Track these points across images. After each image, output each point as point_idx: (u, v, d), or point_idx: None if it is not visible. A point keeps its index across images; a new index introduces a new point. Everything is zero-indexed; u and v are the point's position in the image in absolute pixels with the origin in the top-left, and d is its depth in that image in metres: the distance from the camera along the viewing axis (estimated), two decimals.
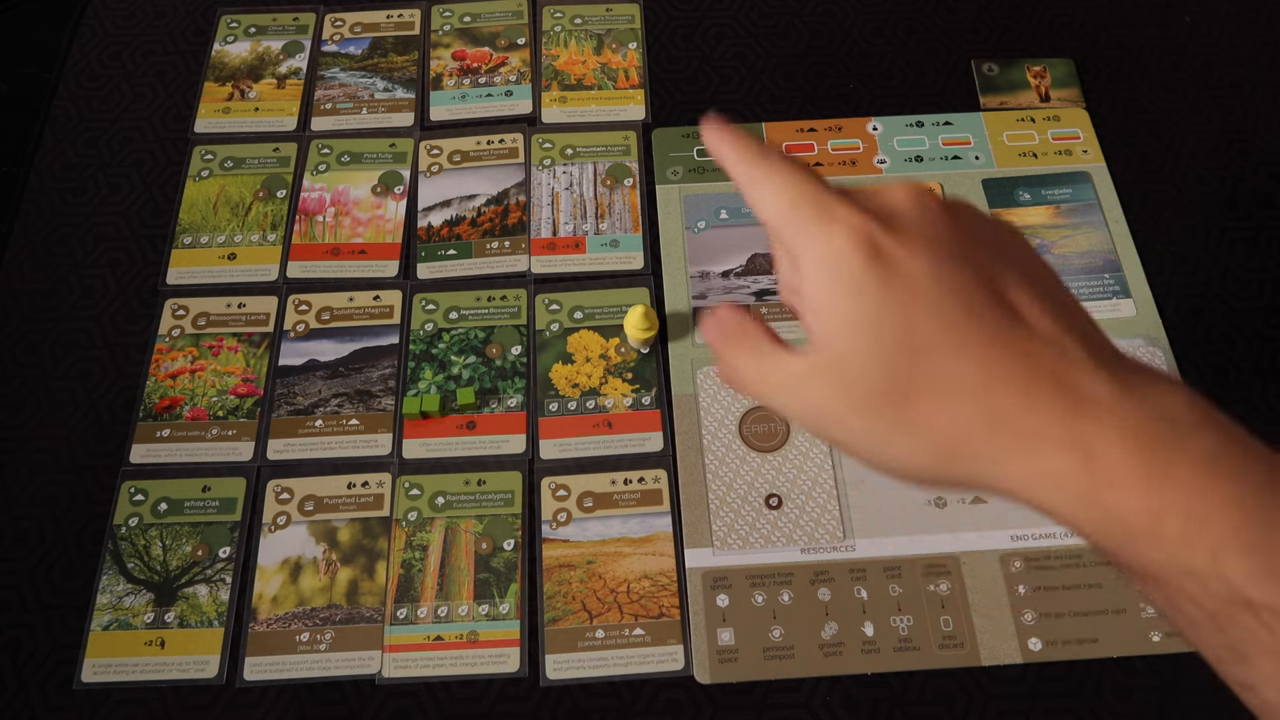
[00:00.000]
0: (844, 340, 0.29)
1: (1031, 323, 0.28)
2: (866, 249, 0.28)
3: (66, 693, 0.48)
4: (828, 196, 0.29)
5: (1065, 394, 0.27)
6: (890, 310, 0.28)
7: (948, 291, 0.28)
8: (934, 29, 0.70)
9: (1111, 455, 0.27)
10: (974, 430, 0.28)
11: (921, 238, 0.29)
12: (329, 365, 0.57)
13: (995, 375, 0.28)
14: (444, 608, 0.50)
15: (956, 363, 0.28)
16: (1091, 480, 0.27)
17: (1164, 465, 0.26)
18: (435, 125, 0.67)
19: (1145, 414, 0.27)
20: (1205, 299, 0.59)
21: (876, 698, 0.48)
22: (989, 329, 0.28)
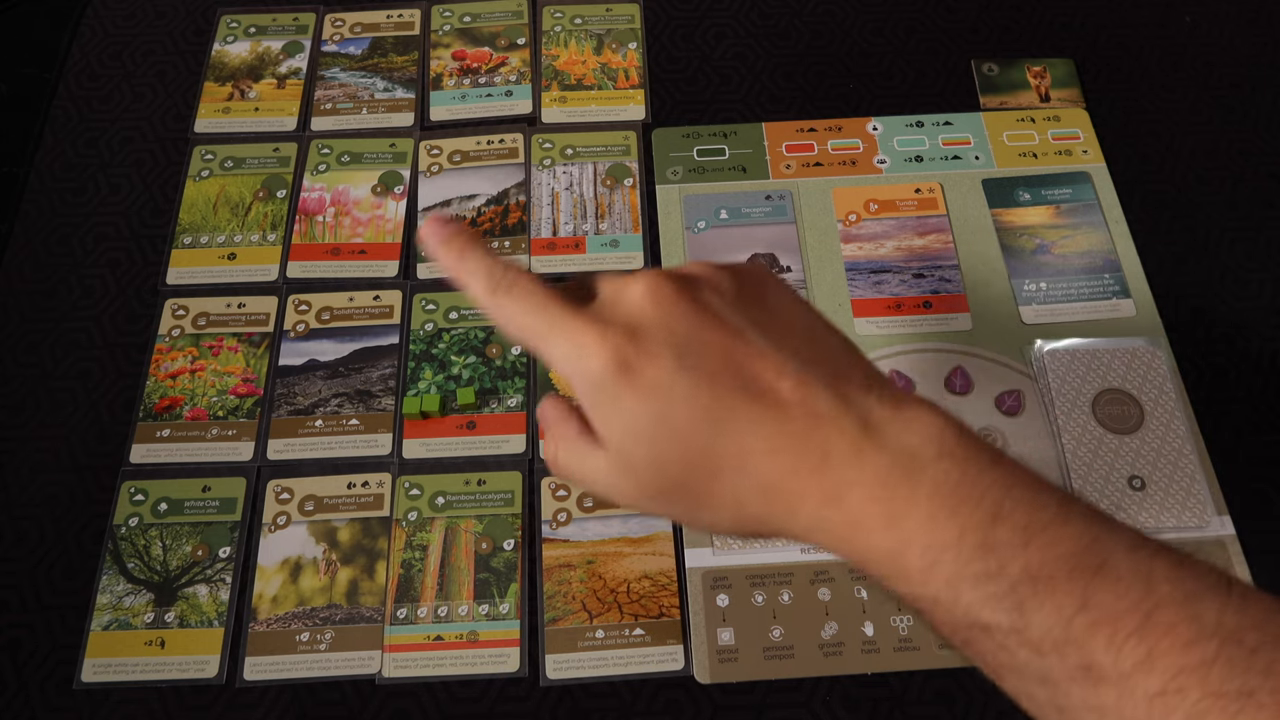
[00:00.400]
0: (624, 446, 0.32)
1: (776, 388, 0.31)
2: (616, 368, 0.31)
3: (66, 693, 0.48)
4: (573, 321, 0.32)
5: (815, 452, 0.30)
6: (650, 415, 0.31)
7: (693, 386, 0.31)
8: (934, 29, 0.70)
9: (857, 502, 0.29)
10: (751, 500, 0.31)
11: (662, 340, 0.32)
12: (329, 365, 0.57)
13: (753, 450, 0.31)
14: (444, 608, 0.50)
15: (718, 446, 0.31)
16: (847, 527, 0.30)
17: (902, 505, 0.29)
18: (435, 125, 0.67)
19: (886, 458, 0.29)
20: (1205, 299, 0.59)
21: (876, 698, 0.48)
22: (739, 409, 0.31)
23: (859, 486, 0.30)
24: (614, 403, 0.32)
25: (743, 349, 0.31)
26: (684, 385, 0.31)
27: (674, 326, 0.32)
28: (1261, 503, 0.53)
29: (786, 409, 0.30)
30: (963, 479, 0.29)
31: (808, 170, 0.64)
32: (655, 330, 0.32)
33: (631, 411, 0.32)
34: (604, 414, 0.32)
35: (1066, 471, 0.53)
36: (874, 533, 0.29)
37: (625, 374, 0.31)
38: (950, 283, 0.60)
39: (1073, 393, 0.55)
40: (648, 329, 0.32)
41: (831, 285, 0.59)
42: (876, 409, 0.30)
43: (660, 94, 0.67)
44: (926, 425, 0.30)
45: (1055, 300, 0.59)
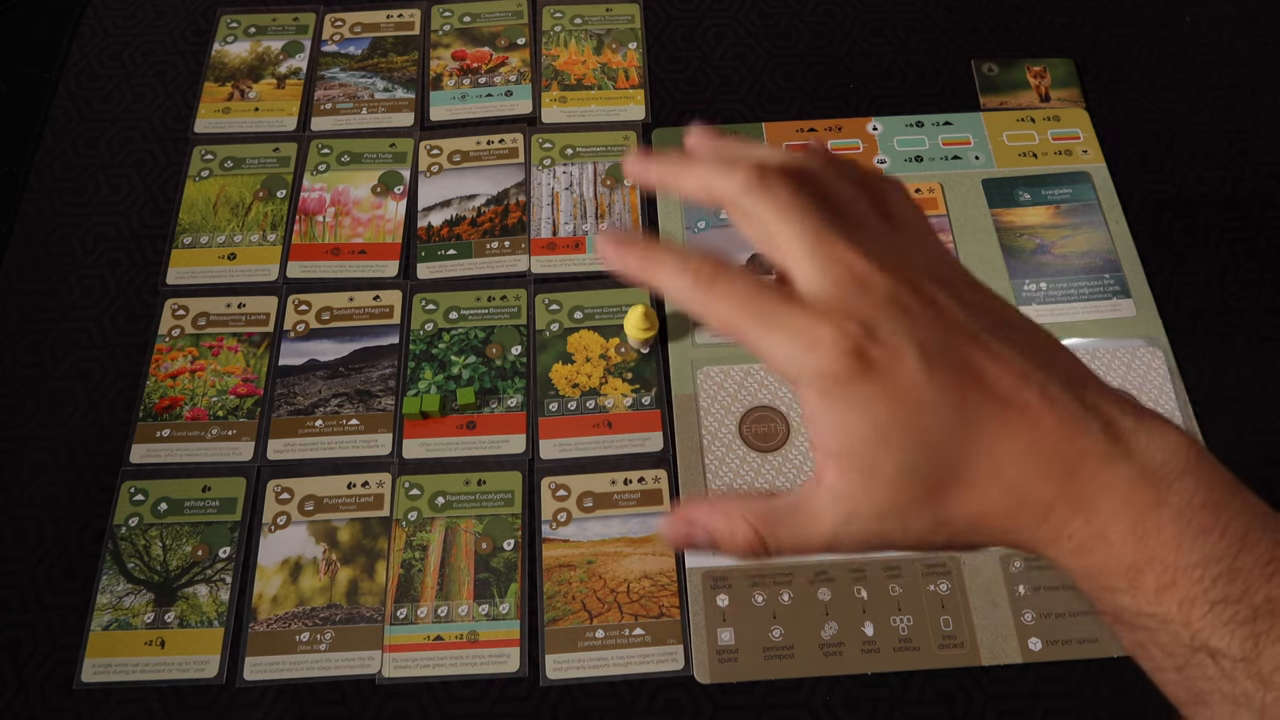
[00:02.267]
0: (869, 455, 0.30)
1: (1022, 395, 0.29)
2: (859, 367, 0.29)
3: (66, 693, 0.48)
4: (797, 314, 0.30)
5: (1065, 459, 0.29)
6: (902, 420, 0.29)
7: (943, 390, 0.29)
8: (934, 29, 0.70)
9: (1105, 514, 0.28)
10: (997, 511, 0.30)
11: (905, 339, 0.29)
12: (329, 365, 0.57)
13: (1004, 458, 0.29)
14: (444, 608, 0.50)
15: (970, 453, 0.29)
16: (1091, 538, 0.29)
17: (1151, 520, 0.28)
18: (435, 125, 0.67)
19: (1135, 469, 0.29)
20: (1205, 299, 0.59)
21: (876, 698, 0.48)
22: (988, 415, 0.29)
23: (1108, 497, 0.28)
24: (857, 406, 0.29)
25: (987, 357, 0.30)
26: (935, 388, 0.29)
27: (918, 326, 0.30)
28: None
29: (1035, 416, 0.29)
30: (1209, 500, 0.28)
31: None
32: (898, 328, 0.29)
33: (879, 415, 0.29)
34: (841, 420, 0.29)
35: None
36: (1117, 546, 0.28)
37: (870, 373, 0.29)
38: None
39: None
40: (886, 325, 0.29)
41: None
42: (1120, 417, 0.29)
43: (660, 94, 0.67)
44: (1171, 439, 0.29)
45: (1055, 300, 0.59)
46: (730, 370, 0.56)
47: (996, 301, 0.32)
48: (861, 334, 0.29)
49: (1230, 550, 0.28)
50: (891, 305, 0.30)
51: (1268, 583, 0.27)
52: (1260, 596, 0.27)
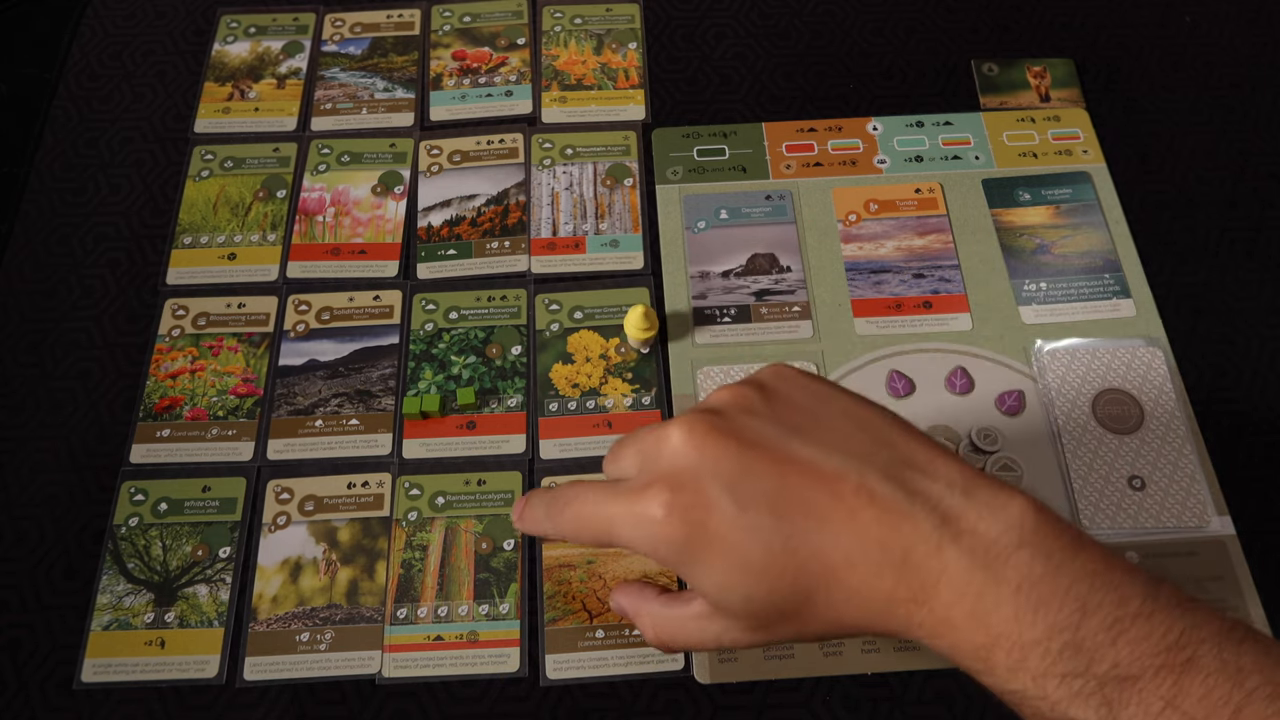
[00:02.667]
0: (717, 597, 0.32)
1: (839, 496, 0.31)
2: (683, 529, 0.32)
3: (66, 693, 0.48)
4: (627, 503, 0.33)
5: (895, 553, 0.30)
6: (729, 564, 0.31)
7: (757, 522, 0.31)
8: (934, 29, 0.70)
9: (943, 602, 0.29)
10: (847, 611, 0.31)
11: (714, 486, 0.31)
12: (329, 365, 0.57)
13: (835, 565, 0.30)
14: (444, 608, 0.50)
15: (802, 570, 0.31)
16: (937, 624, 0.30)
17: (989, 603, 0.28)
18: (435, 125, 0.67)
19: (966, 554, 0.29)
20: (1205, 299, 0.59)
21: (876, 698, 0.48)
22: (809, 530, 0.31)
23: (942, 586, 0.29)
24: (694, 561, 0.32)
25: (793, 468, 0.31)
26: (749, 522, 0.31)
27: (720, 466, 0.31)
28: (1261, 503, 0.53)
29: (855, 515, 0.30)
30: (1045, 571, 0.28)
31: (808, 170, 0.64)
32: (702, 475, 0.31)
33: (712, 565, 0.32)
34: (689, 574, 0.33)
35: (1067, 472, 0.53)
36: (961, 630, 0.29)
37: (688, 528, 0.31)
38: (950, 283, 0.60)
39: (1073, 393, 0.55)
40: (695, 475, 0.32)
41: (831, 285, 0.59)
42: (947, 496, 0.30)
43: (660, 94, 0.67)
44: (1004, 512, 0.29)
45: (1055, 300, 0.59)
46: (730, 370, 0.56)
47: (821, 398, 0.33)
48: (676, 497, 0.31)
49: (1072, 620, 0.28)
50: (699, 453, 0.32)
51: (1112, 647, 0.27)
52: (1105, 664, 0.27)
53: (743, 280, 0.60)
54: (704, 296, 0.59)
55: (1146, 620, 0.28)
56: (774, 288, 0.59)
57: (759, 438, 0.32)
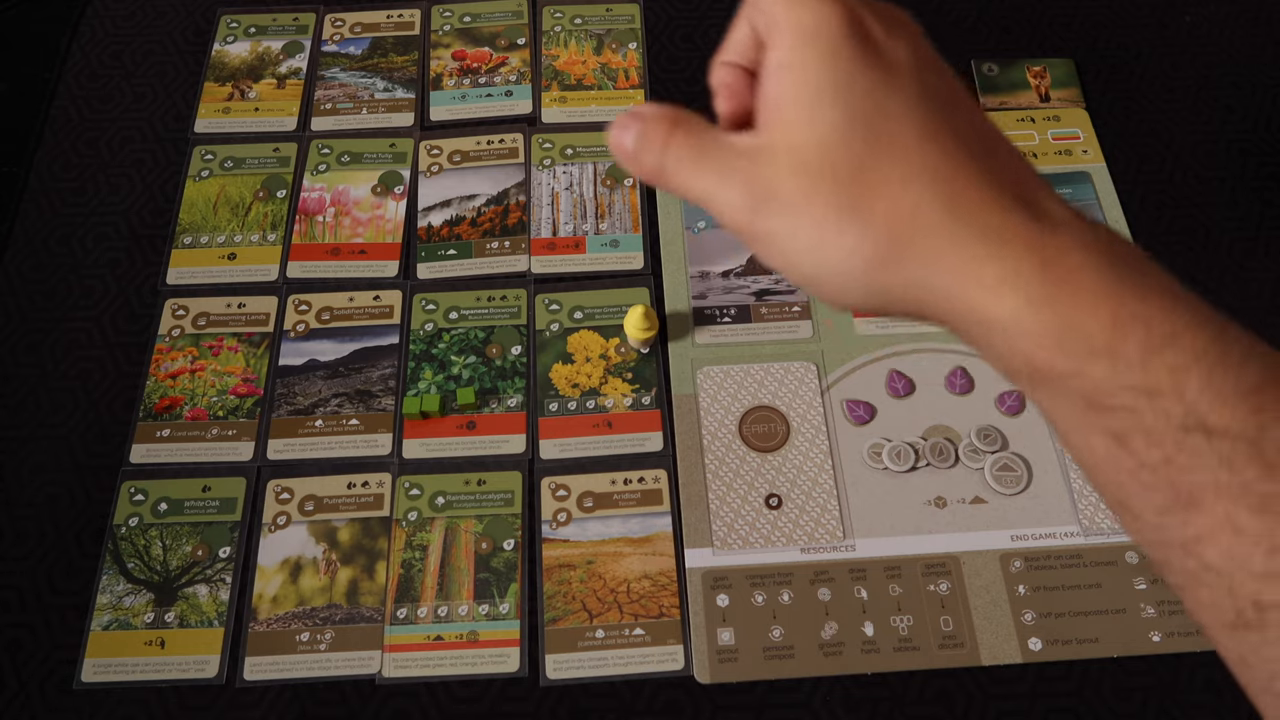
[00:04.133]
0: (805, 108, 0.26)
1: (994, 145, 0.27)
2: (851, 24, 0.27)
3: (66, 693, 0.48)
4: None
5: (1028, 202, 0.25)
6: (862, 84, 0.26)
7: (923, 85, 0.27)
8: (934, 29, 0.70)
9: (1074, 263, 0.24)
10: (929, 219, 0.25)
11: (907, 35, 0.28)
12: (329, 365, 0.57)
13: (960, 167, 0.25)
14: (444, 608, 0.50)
15: (922, 148, 0.26)
16: (1050, 286, 0.24)
17: (1129, 279, 0.24)
18: (435, 125, 0.67)
19: (1106, 236, 0.25)
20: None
21: (876, 698, 0.48)
22: (956, 130, 0.26)
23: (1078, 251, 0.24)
24: (825, 52, 0.26)
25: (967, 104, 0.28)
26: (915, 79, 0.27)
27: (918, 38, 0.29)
28: None
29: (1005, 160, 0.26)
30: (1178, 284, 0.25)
31: None
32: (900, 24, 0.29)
33: (843, 68, 0.26)
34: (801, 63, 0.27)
35: (1067, 471, 0.53)
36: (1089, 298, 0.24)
37: (857, 34, 0.27)
38: None
39: None
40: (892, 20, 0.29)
41: None
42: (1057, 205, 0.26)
43: (660, 94, 0.67)
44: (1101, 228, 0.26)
45: None
46: (730, 370, 0.56)
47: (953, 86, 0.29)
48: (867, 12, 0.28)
49: (1218, 315, 0.24)
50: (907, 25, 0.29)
51: (1265, 354, 0.24)
52: (1257, 365, 0.23)
53: (743, 280, 0.60)
54: (704, 296, 0.59)
55: None
56: (774, 288, 0.59)
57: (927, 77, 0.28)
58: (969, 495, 0.53)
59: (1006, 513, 0.53)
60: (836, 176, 0.26)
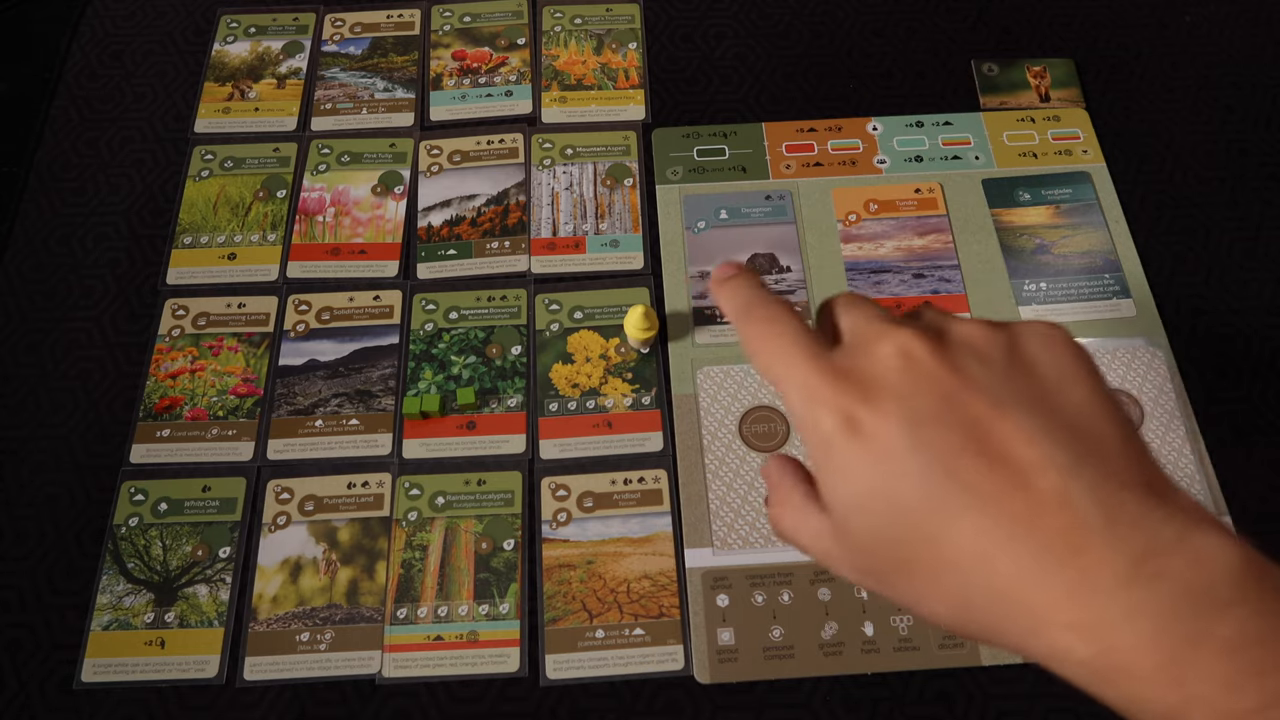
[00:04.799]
0: (844, 512, 0.29)
1: (1033, 479, 0.26)
2: (844, 427, 0.28)
3: (66, 693, 0.48)
4: (810, 369, 0.29)
5: (1070, 565, 0.25)
6: (873, 486, 0.27)
7: (927, 464, 0.27)
8: (934, 29, 0.70)
9: (1125, 642, 0.24)
10: (982, 603, 0.26)
11: (899, 407, 0.28)
12: (329, 365, 0.57)
13: (992, 544, 0.26)
14: (444, 608, 0.50)
15: (950, 532, 0.26)
16: (1108, 669, 0.25)
17: (1189, 658, 0.24)
18: (435, 125, 0.67)
19: (1166, 595, 0.24)
20: (1205, 299, 0.59)
21: (876, 698, 0.48)
22: (980, 492, 0.26)
23: (1132, 624, 0.24)
24: (840, 465, 0.28)
25: (1002, 425, 0.27)
26: (918, 460, 0.27)
27: (918, 397, 0.28)
28: (1261, 503, 0.53)
29: (1043, 504, 0.25)
30: (1266, 631, 0.24)
31: (808, 170, 0.64)
32: (895, 396, 0.28)
33: (856, 477, 0.28)
34: (828, 476, 0.29)
35: None
36: (1147, 684, 0.24)
37: (853, 435, 0.28)
38: (950, 283, 0.60)
39: None
40: (887, 392, 0.28)
41: (831, 285, 0.59)
42: (1160, 530, 0.25)
43: (660, 94, 0.67)
44: (1222, 557, 0.25)
45: (1055, 300, 0.59)
46: (730, 370, 0.56)
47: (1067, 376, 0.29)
48: (857, 399, 0.28)
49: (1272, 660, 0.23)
50: (903, 375, 0.28)
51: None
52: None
53: None
54: (704, 296, 0.59)
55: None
56: (774, 288, 0.59)
57: (975, 387, 0.28)
58: None
59: None
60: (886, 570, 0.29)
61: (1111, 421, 0.28)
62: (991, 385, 0.28)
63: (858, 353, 0.29)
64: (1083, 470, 0.26)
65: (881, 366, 0.28)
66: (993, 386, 0.28)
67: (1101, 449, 0.27)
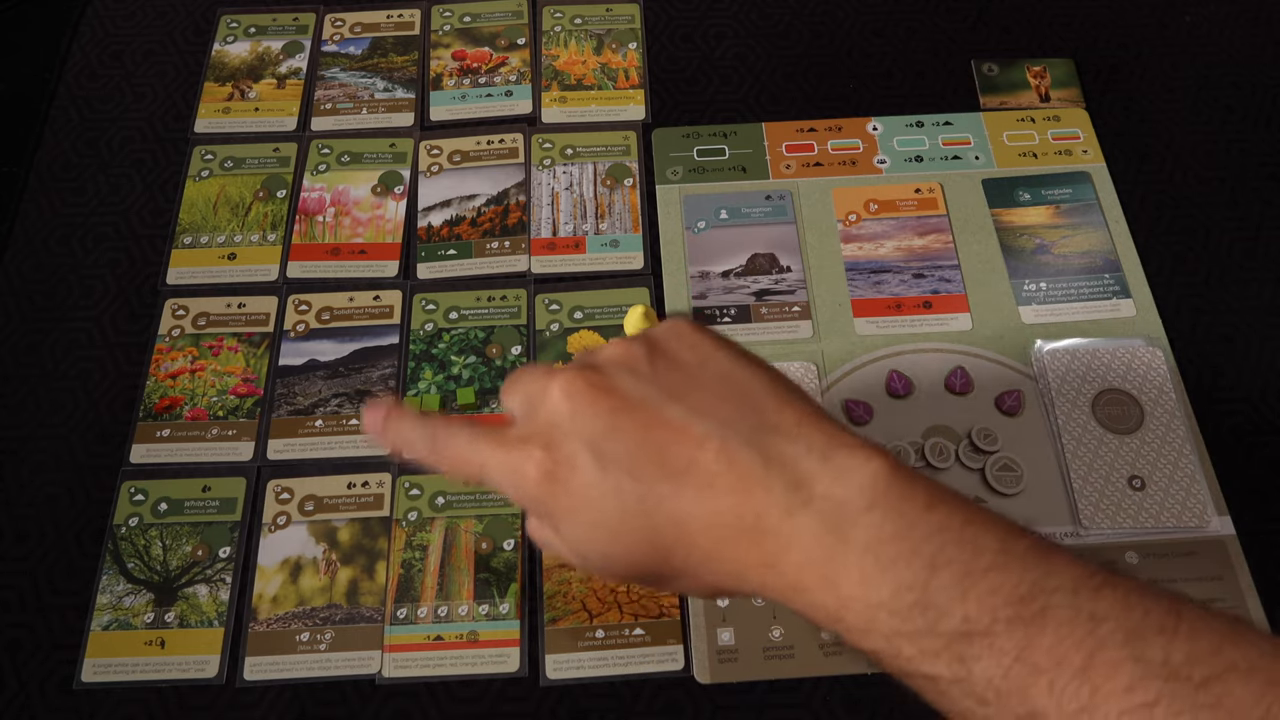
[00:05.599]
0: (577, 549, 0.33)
1: (699, 460, 0.30)
2: (545, 483, 0.32)
3: (66, 693, 0.48)
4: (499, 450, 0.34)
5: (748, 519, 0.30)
6: (587, 522, 0.32)
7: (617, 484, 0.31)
8: (934, 29, 0.70)
9: (793, 567, 0.29)
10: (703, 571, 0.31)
11: (578, 444, 0.32)
12: (329, 365, 0.57)
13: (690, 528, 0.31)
14: (444, 608, 0.50)
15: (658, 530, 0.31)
16: (788, 590, 0.30)
17: (837, 565, 0.29)
18: (435, 125, 0.67)
19: (815, 517, 0.29)
20: (1205, 299, 0.59)
21: (876, 698, 0.48)
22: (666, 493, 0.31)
23: (793, 550, 0.29)
24: (554, 515, 0.33)
25: (659, 428, 0.31)
26: (609, 484, 0.31)
27: (588, 424, 0.32)
28: (1261, 503, 0.53)
29: (713, 481, 0.30)
30: (896, 531, 0.28)
31: (808, 170, 0.64)
32: (571, 434, 0.32)
33: (570, 520, 0.32)
34: (555, 528, 0.33)
35: (1066, 472, 0.53)
36: (813, 593, 0.29)
37: (553, 486, 0.32)
38: (950, 283, 0.60)
39: (1073, 393, 0.55)
40: (564, 433, 0.32)
41: (831, 285, 0.59)
42: (804, 460, 0.30)
43: (660, 94, 0.67)
44: (858, 472, 0.29)
45: (1055, 300, 0.59)
46: None
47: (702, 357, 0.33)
48: (543, 453, 0.32)
49: (920, 578, 0.28)
50: (571, 408, 0.32)
51: (962, 602, 0.27)
52: (955, 619, 0.27)
53: (743, 280, 0.60)
54: (704, 296, 0.59)
55: (1000, 572, 0.27)
56: (774, 288, 0.59)
57: (632, 398, 0.32)
58: (968, 495, 0.53)
59: (1005, 513, 0.52)
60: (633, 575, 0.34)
61: (755, 378, 0.33)
62: (644, 390, 0.32)
63: (530, 416, 0.34)
64: (737, 429, 0.31)
65: (551, 415, 0.33)
66: (645, 390, 0.32)
67: (752, 404, 0.32)
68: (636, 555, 0.32)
